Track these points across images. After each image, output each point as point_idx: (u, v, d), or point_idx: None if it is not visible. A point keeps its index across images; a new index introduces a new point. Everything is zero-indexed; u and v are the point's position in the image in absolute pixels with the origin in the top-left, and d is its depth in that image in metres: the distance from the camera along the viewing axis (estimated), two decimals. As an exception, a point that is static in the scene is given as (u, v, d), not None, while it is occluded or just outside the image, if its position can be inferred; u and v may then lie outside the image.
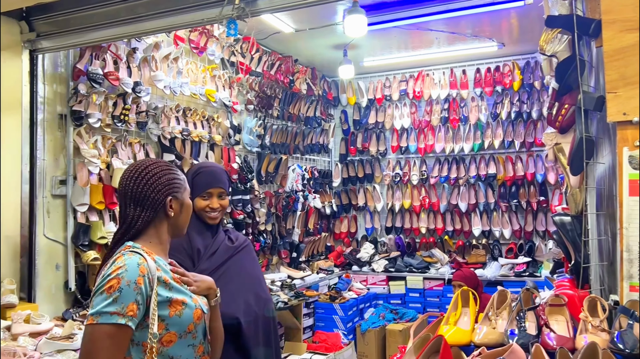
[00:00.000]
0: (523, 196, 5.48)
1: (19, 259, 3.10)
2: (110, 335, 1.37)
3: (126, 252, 1.48)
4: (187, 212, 1.65)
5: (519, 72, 5.49)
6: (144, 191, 1.55)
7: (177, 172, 1.64)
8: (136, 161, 1.64)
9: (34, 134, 3.13)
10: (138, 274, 1.42)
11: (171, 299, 1.48)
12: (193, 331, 1.53)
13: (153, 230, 1.57)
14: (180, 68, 4.00)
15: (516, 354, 1.60)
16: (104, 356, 1.37)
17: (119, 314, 1.38)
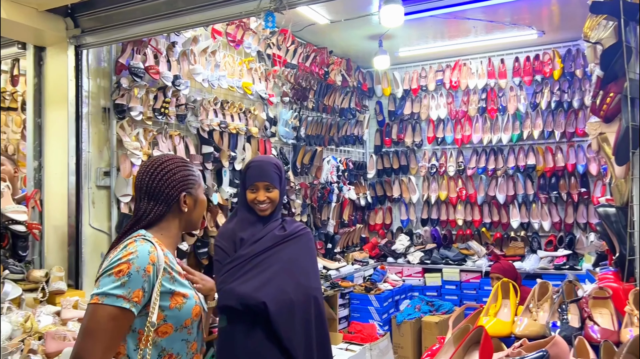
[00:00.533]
0: (563, 187, 5.36)
1: (67, 248, 3.22)
2: (113, 317, 1.41)
3: (138, 239, 1.51)
4: (201, 208, 1.69)
5: (559, 61, 5.35)
6: (159, 186, 1.59)
7: (192, 168, 1.69)
8: (153, 156, 1.70)
9: (80, 127, 3.23)
10: (148, 262, 1.46)
11: (173, 291, 1.52)
12: (189, 326, 1.55)
13: (164, 224, 1.61)
14: (218, 61, 4.06)
15: (559, 346, 1.58)
16: (105, 337, 1.40)
17: (125, 298, 1.41)
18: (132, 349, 1.47)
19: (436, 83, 5.94)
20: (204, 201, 1.71)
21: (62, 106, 3.23)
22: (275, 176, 2.34)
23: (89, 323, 1.42)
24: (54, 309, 2.77)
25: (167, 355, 1.52)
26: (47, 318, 2.65)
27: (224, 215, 4.05)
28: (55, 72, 3.29)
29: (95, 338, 1.40)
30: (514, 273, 3.78)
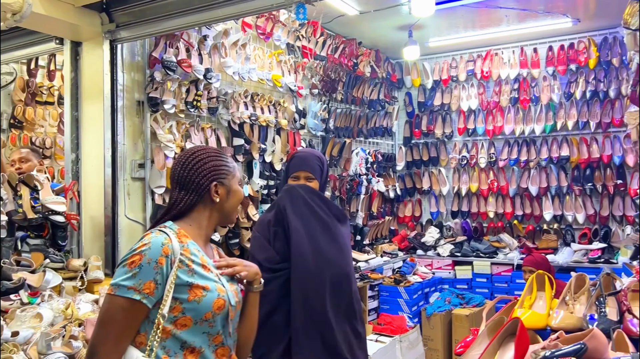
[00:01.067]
0: (598, 179, 5.23)
1: (104, 238, 3.31)
2: (124, 308, 1.43)
3: (154, 230, 1.52)
4: (235, 199, 1.66)
5: (595, 49, 5.21)
6: (189, 175, 1.60)
7: (226, 159, 1.67)
8: (188, 148, 1.72)
9: (115, 120, 3.30)
10: (160, 254, 1.45)
11: (192, 284, 1.49)
12: (210, 319, 1.52)
13: (195, 214, 1.61)
14: (248, 54, 4.09)
15: (598, 339, 1.55)
16: (116, 327, 1.43)
17: (135, 289, 1.42)
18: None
19: (467, 74, 5.86)
20: (238, 192, 1.68)
21: (98, 100, 3.31)
22: (317, 168, 2.39)
23: (102, 313, 1.45)
24: (92, 298, 2.86)
25: (190, 347, 1.50)
26: (86, 306, 2.73)
27: (254, 206, 4.09)
28: (91, 67, 3.36)
29: (108, 328, 1.43)
30: (547, 266, 3.72)
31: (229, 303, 1.57)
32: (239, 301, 1.64)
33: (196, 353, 1.50)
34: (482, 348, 1.77)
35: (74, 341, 2.33)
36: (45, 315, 2.46)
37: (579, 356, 1.49)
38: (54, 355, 2.20)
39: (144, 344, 1.47)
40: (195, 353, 1.50)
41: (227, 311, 1.56)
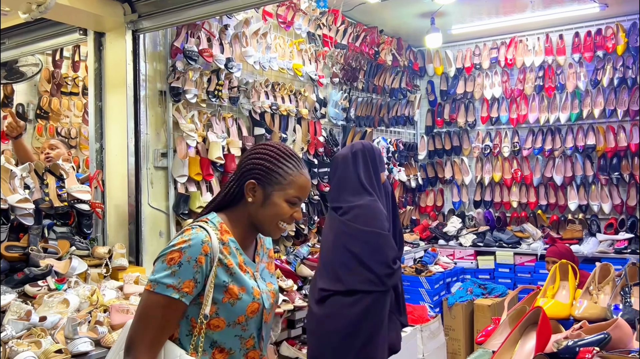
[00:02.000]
0: (625, 168, 5.12)
1: (127, 226, 3.36)
2: (163, 306, 1.40)
3: (195, 226, 1.47)
4: (271, 211, 1.51)
5: (623, 35, 5.07)
6: (242, 165, 1.55)
7: (284, 165, 1.52)
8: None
9: (138, 110, 3.33)
10: (200, 252, 1.41)
11: (228, 285, 1.45)
12: (243, 323, 1.48)
13: (239, 209, 1.54)
14: (269, 43, 4.09)
15: (622, 329, 1.53)
16: (155, 324, 1.41)
17: (175, 288, 1.39)
18: (184, 335, 1.46)
19: (490, 61, 5.77)
20: (279, 207, 1.50)
21: (121, 90, 3.35)
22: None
23: (141, 309, 1.44)
24: (117, 284, 2.91)
25: (219, 347, 1.48)
26: (111, 292, 2.79)
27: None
28: (114, 57, 3.40)
29: (146, 324, 1.41)
30: (571, 256, 3.67)
31: (264, 306, 1.52)
32: (275, 302, 1.59)
33: (225, 353, 1.48)
34: (503, 337, 1.76)
35: (99, 327, 2.38)
36: (71, 301, 2.52)
37: (603, 345, 1.46)
38: (80, 340, 2.25)
39: (175, 338, 1.46)
40: (224, 353, 1.48)
41: (261, 315, 1.52)
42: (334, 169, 2.70)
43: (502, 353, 1.61)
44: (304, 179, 1.53)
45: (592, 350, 1.37)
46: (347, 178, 2.60)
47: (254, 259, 1.59)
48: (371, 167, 2.61)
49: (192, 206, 3.45)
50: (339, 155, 2.71)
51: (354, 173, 2.59)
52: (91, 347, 2.26)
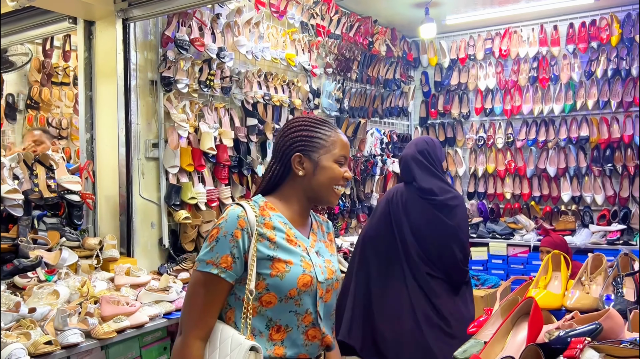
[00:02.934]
0: (619, 160, 5.13)
1: (118, 217, 3.33)
2: (204, 283, 1.41)
3: (234, 203, 1.50)
4: (324, 176, 1.51)
5: (617, 26, 5.06)
6: (279, 144, 1.55)
7: (322, 131, 1.54)
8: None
9: (128, 100, 3.30)
10: (236, 226, 1.41)
11: (273, 258, 1.43)
12: (296, 297, 1.44)
13: (286, 188, 1.54)
14: (262, 32, 4.05)
15: (614, 319, 1.52)
16: (199, 302, 1.41)
17: (213, 264, 1.40)
18: (238, 318, 1.44)
19: (485, 52, 5.75)
20: (330, 169, 1.51)
21: (112, 79, 3.31)
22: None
23: (188, 288, 1.46)
24: (107, 276, 2.90)
25: (276, 326, 1.44)
26: (102, 284, 2.77)
27: (268, 186, 4.08)
28: (105, 46, 3.36)
29: (191, 303, 1.43)
30: (565, 247, 3.68)
31: (316, 279, 1.48)
32: (334, 279, 1.54)
33: (282, 332, 1.45)
34: (495, 327, 1.75)
35: (89, 318, 2.36)
36: (61, 292, 2.50)
37: (594, 336, 1.46)
38: (70, 331, 2.23)
39: (231, 321, 1.45)
40: (281, 332, 1.45)
41: (315, 289, 1.47)
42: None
43: (493, 344, 1.60)
44: (343, 137, 1.57)
45: (584, 340, 1.36)
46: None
47: (309, 236, 1.57)
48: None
49: (183, 197, 3.42)
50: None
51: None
52: (81, 338, 2.25)
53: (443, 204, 2.73)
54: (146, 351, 2.78)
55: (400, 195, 2.80)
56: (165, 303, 2.73)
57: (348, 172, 1.56)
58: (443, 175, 2.85)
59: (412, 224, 2.73)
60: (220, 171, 3.71)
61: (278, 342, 1.44)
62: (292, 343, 1.46)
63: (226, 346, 1.38)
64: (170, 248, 3.46)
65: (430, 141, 2.88)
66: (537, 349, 1.43)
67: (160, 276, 3.09)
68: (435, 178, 2.78)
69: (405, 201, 2.77)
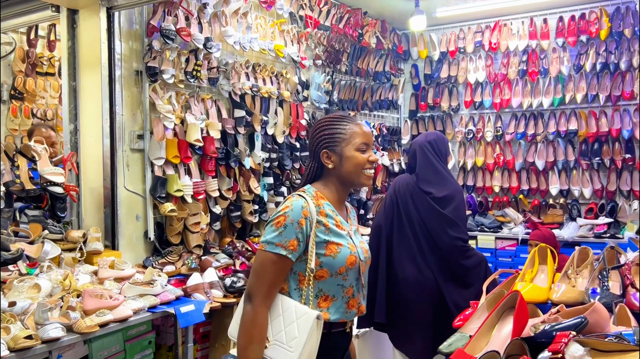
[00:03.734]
0: (607, 153, 5.14)
1: (103, 209, 3.28)
2: (273, 262, 1.66)
3: (295, 194, 1.74)
4: (350, 163, 1.77)
5: (607, 20, 5.06)
6: (310, 144, 1.83)
7: (340, 126, 1.79)
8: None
9: (113, 90, 3.24)
10: (301, 216, 1.67)
11: (327, 241, 1.70)
12: (344, 273, 1.72)
13: (325, 178, 1.81)
14: (250, 23, 4.00)
15: (599, 313, 1.51)
16: (268, 278, 1.66)
17: (282, 246, 1.65)
18: (293, 288, 1.71)
19: (475, 45, 5.73)
20: (354, 157, 1.77)
21: (96, 69, 3.25)
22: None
23: (256, 266, 1.69)
24: (91, 269, 2.85)
25: (324, 296, 1.72)
26: (85, 277, 2.73)
27: (256, 179, 4.05)
28: (88, 35, 3.29)
29: (261, 278, 1.67)
30: (554, 241, 3.68)
31: (359, 258, 1.76)
32: (368, 257, 1.84)
33: (329, 300, 1.72)
34: (480, 321, 1.74)
35: (71, 312, 2.32)
36: (43, 286, 2.46)
37: (579, 329, 1.45)
38: (51, 325, 2.20)
39: (285, 291, 1.71)
40: (328, 301, 1.72)
41: (358, 266, 1.76)
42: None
43: (478, 338, 1.59)
44: (361, 127, 1.81)
45: (569, 334, 1.35)
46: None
47: (347, 220, 1.84)
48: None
49: (169, 189, 3.38)
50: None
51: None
52: (62, 333, 2.21)
53: (438, 199, 3.02)
54: (131, 344, 2.76)
55: (406, 185, 3.11)
56: (150, 297, 2.69)
57: (373, 156, 1.81)
58: (445, 169, 3.14)
59: (417, 211, 3.04)
60: (207, 163, 3.66)
61: (324, 309, 1.71)
62: (336, 310, 1.74)
63: (291, 313, 1.66)
64: (155, 241, 3.42)
65: (441, 135, 3.25)
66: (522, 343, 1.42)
67: (145, 269, 3.05)
68: (435, 170, 3.08)
69: (411, 192, 3.07)
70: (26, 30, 4.24)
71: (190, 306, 2.79)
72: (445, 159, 3.18)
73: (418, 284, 2.96)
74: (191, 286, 2.99)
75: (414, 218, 3.03)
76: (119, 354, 2.69)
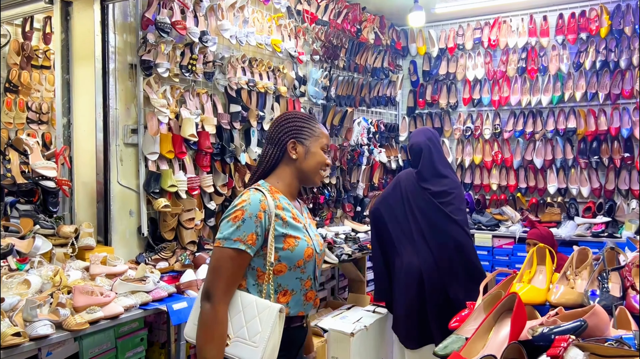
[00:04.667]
0: (605, 152, 5.11)
1: (96, 204, 3.24)
2: (231, 257, 1.65)
3: (252, 189, 1.73)
4: (314, 160, 1.81)
5: (607, 17, 5.02)
6: (275, 131, 1.82)
7: (313, 124, 1.85)
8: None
9: (107, 84, 3.19)
10: (259, 209, 1.66)
11: (285, 234, 1.71)
12: (302, 266, 1.73)
13: (280, 171, 1.81)
14: (246, 17, 3.94)
15: (599, 316, 1.48)
16: (226, 274, 1.65)
17: (241, 241, 1.64)
18: (251, 284, 1.71)
19: (474, 42, 5.68)
20: (318, 155, 1.82)
21: (89, 62, 3.20)
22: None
23: (214, 263, 1.67)
24: (83, 265, 2.81)
25: (283, 290, 1.72)
26: (76, 273, 2.68)
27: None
28: (82, 27, 3.24)
29: (219, 275, 1.65)
30: (552, 240, 3.65)
31: (315, 251, 1.79)
32: (323, 250, 1.87)
33: (288, 295, 1.73)
34: (477, 322, 1.70)
35: (61, 309, 2.28)
36: (33, 282, 2.41)
37: (579, 333, 1.41)
38: (40, 322, 2.16)
39: (243, 287, 1.71)
40: (287, 295, 1.73)
41: (314, 258, 1.78)
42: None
43: (475, 340, 1.55)
44: (325, 131, 1.89)
45: (568, 338, 1.31)
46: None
47: (301, 213, 1.86)
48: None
49: (163, 184, 3.33)
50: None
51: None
52: (51, 330, 2.17)
53: (437, 195, 3.19)
54: (122, 342, 2.72)
55: (411, 177, 3.30)
56: (142, 294, 2.65)
57: (329, 160, 1.88)
58: (445, 165, 3.28)
59: (417, 204, 3.22)
60: (202, 158, 3.62)
61: (284, 304, 1.71)
62: (295, 303, 1.75)
63: (252, 309, 1.65)
64: (149, 237, 3.38)
65: (434, 131, 3.37)
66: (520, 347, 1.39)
67: (138, 265, 3.01)
68: (436, 167, 3.22)
69: (412, 186, 3.26)
70: (21, 22, 4.18)
71: (183, 303, 2.75)
72: (443, 155, 3.33)
73: (410, 271, 3.18)
74: (184, 283, 2.95)
75: (415, 210, 3.22)
76: (111, 352, 2.65)
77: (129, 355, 2.75)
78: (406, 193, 3.27)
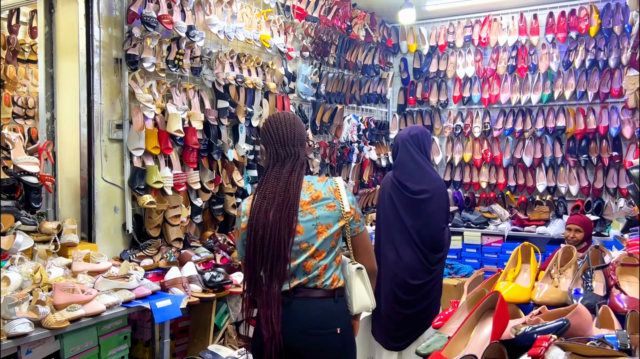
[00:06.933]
0: (594, 151, 5.13)
1: (79, 200, 3.19)
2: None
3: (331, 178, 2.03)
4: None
5: (596, 16, 5.02)
6: (298, 133, 2.02)
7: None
8: (282, 112, 2.07)
9: (91, 78, 3.14)
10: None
11: None
12: None
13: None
14: (235, 12, 3.90)
15: (581, 315, 1.46)
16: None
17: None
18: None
19: (464, 40, 5.68)
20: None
21: (73, 56, 3.15)
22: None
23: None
24: (65, 262, 2.77)
25: None
26: (58, 270, 2.64)
27: (239, 171, 3.97)
28: (66, 21, 3.19)
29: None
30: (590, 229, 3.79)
31: None
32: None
33: None
34: (460, 321, 1.69)
35: (40, 307, 2.24)
36: (12, 279, 2.37)
37: (561, 333, 1.40)
38: (18, 320, 2.12)
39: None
40: None
41: None
42: None
43: (457, 339, 1.53)
44: None
45: (549, 338, 1.30)
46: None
47: None
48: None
49: (148, 181, 3.29)
50: None
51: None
52: (30, 328, 2.13)
53: (415, 194, 3.25)
54: (105, 340, 2.68)
55: (388, 179, 3.39)
56: (125, 291, 2.62)
57: None
58: (426, 163, 3.30)
59: (394, 203, 3.32)
60: (189, 154, 3.58)
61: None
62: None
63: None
64: (134, 234, 3.34)
65: (424, 130, 3.40)
66: (501, 347, 1.37)
67: (122, 262, 2.97)
68: (415, 164, 3.26)
69: (390, 186, 3.34)
70: (7, 16, 4.12)
71: (166, 301, 2.72)
72: (427, 153, 3.34)
73: (390, 269, 3.30)
74: (169, 281, 2.92)
75: (395, 207, 3.31)
76: (93, 350, 2.62)
77: (112, 353, 2.72)
78: (389, 195, 3.36)
